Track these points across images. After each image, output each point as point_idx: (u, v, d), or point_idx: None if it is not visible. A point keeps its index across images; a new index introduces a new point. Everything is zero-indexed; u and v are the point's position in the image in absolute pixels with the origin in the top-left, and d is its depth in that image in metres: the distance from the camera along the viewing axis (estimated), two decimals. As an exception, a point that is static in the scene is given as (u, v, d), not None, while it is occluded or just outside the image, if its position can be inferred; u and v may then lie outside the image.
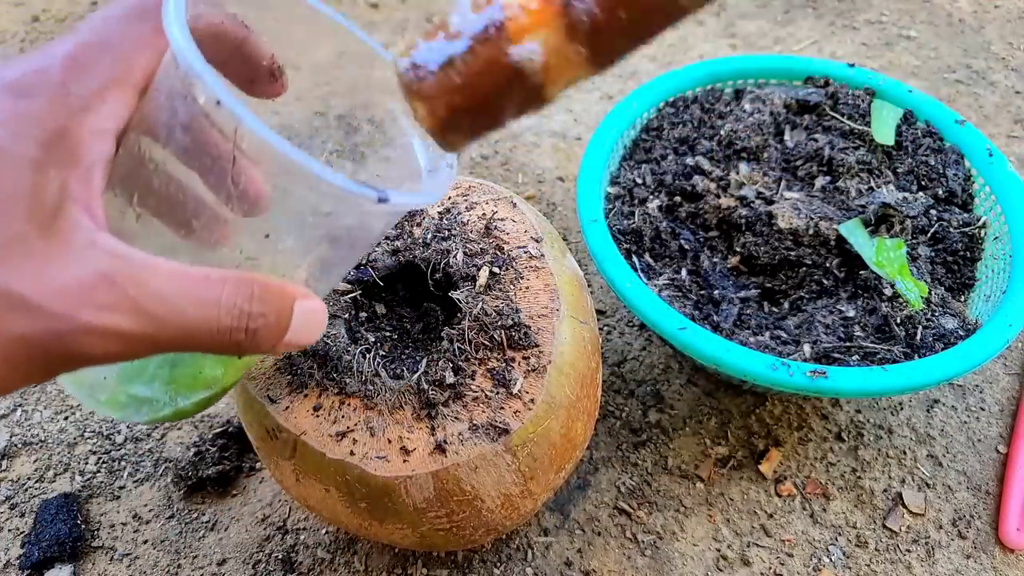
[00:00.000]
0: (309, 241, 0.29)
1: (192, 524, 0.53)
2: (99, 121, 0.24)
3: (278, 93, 0.32)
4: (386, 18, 0.98)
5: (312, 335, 0.27)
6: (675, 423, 0.58)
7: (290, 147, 0.24)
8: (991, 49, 0.92)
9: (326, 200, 0.26)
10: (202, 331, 0.24)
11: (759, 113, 0.62)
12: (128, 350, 0.23)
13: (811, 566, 0.51)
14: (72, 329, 0.22)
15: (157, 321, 0.23)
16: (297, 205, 0.27)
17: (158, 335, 0.23)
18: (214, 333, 0.24)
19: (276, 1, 0.31)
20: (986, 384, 0.61)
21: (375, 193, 0.25)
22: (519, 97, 0.26)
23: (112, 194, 0.26)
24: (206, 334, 0.24)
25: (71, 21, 0.99)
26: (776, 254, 0.54)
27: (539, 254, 0.44)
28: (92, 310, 0.22)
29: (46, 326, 0.22)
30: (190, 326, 0.24)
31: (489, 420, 0.38)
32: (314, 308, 0.27)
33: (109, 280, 0.22)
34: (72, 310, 0.22)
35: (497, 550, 0.52)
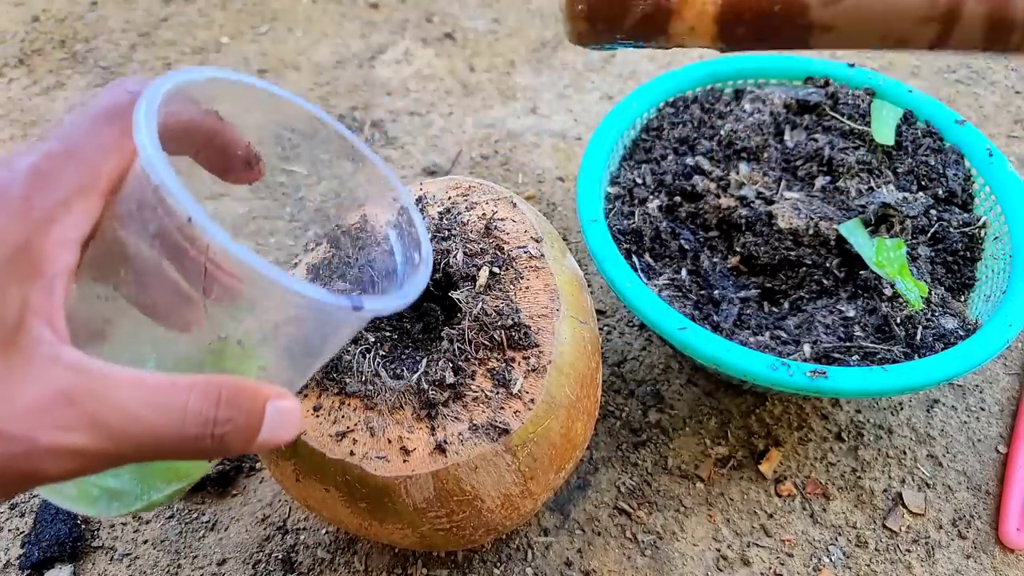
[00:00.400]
0: (281, 340, 0.29)
1: (192, 524, 0.53)
2: (63, 232, 0.24)
3: (255, 179, 0.32)
4: (386, 18, 0.98)
5: (287, 434, 0.27)
6: (675, 423, 0.58)
7: (264, 263, 0.24)
8: (991, 49, 0.92)
9: (300, 308, 0.27)
10: (167, 441, 0.24)
11: (759, 113, 0.62)
12: (89, 466, 0.23)
13: (811, 566, 0.51)
14: (30, 451, 0.22)
15: (117, 436, 0.23)
16: (270, 312, 0.27)
17: (120, 450, 0.23)
18: (179, 442, 0.24)
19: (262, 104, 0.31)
20: (986, 384, 0.61)
21: (349, 302, 0.26)
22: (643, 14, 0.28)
23: (83, 283, 0.26)
24: (171, 443, 0.24)
25: (71, 21, 0.99)
26: (776, 254, 0.54)
27: (539, 254, 0.44)
28: (51, 431, 0.22)
29: (4, 450, 0.21)
30: (153, 437, 0.23)
31: (489, 420, 0.38)
32: (288, 408, 0.27)
33: (68, 398, 0.22)
34: (31, 432, 0.21)
35: (497, 550, 0.52)
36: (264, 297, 0.27)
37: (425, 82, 0.89)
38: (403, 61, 0.92)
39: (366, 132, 0.83)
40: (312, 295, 0.25)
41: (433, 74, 0.90)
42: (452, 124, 0.84)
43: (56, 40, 0.96)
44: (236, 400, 0.25)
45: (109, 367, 0.23)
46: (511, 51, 0.93)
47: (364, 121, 0.84)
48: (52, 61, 0.93)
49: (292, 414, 0.27)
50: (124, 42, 0.95)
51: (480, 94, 0.87)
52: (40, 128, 0.84)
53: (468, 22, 0.98)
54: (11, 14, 1.00)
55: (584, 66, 0.91)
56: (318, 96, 0.87)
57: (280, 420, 0.26)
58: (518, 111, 0.85)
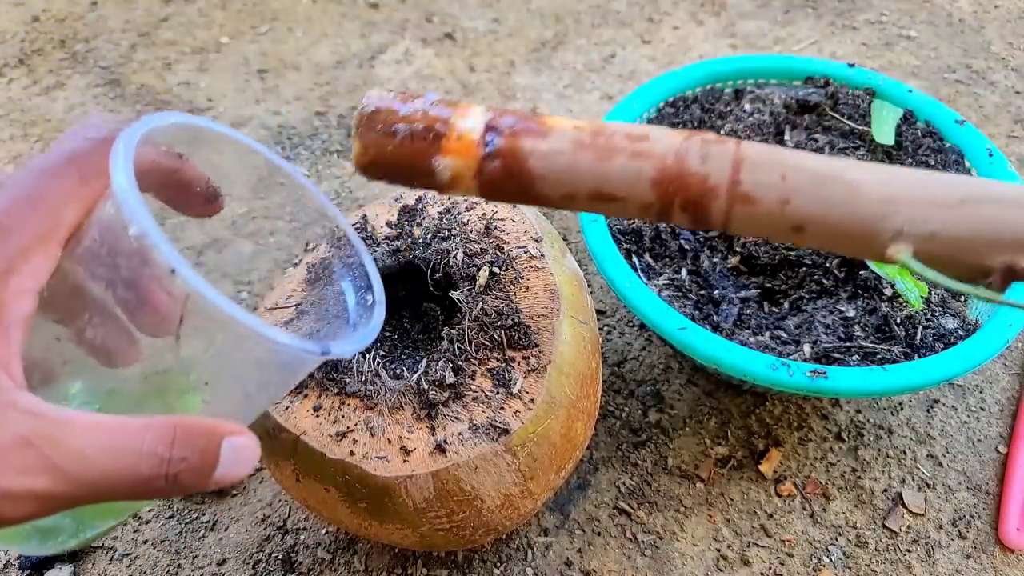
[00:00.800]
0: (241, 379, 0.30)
1: (192, 524, 0.53)
2: (21, 282, 0.24)
3: (214, 212, 0.33)
4: (386, 18, 0.98)
5: (243, 470, 0.27)
6: (675, 423, 0.58)
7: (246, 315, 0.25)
8: (991, 49, 0.92)
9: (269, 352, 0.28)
10: (122, 483, 0.24)
11: (759, 113, 0.62)
12: (46, 509, 0.23)
13: (811, 566, 0.51)
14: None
15: (74, 479, 0.23)
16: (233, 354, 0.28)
17: (76, 492, 0.23)
18: (133, 483, 0.24)
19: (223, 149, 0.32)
20: (986, 384, 0.61)
21: (319, 348, 0.28)
22: (423, 182, 0.34)
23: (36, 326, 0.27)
24: (126, 485, 0.24)
25: (71, 21, 0.99)
26: (776, 254, 0.54)
27: (539, 254, 0.44)
28: (9, 475, 0.22)
29: None
30: (109, 480, 0.23)
31: (489, 420, 0.38)
32: (244, 444, 0.27)
33: (26, 442, 0.22)
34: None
35: (497, 550, 0.52)
36: (235, 343, 0.27)
37: (425, 82, 0.89)
38: (403, 61, 0.92)
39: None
40: (291, 344, 0.26)
41: (433, 74, 0.90)
42: (452, 124, 0.84)
43: (56, 40, 0.96)
44: (190, 440, 0.25)
45: (65, 412, 0.24)
46: (511, 51, 0.93)
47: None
48: (52, 61, 0.93)
49: (248, 450, 0.27)
50: (124, 42, 0.95)
51: (480, 94, 0.87)
52: (40, 128, 0.84)
53: (468, 22, 0.98)
54: (11, 14, 1.00)
55: (584, 66, 0.91)
56: (318, 96, 0.87)
57: (235, 457, 0.26)
58: (518, 111, 0.85)
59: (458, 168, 0.34)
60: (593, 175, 0.33)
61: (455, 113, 0.34)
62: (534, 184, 0.34)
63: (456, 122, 0.34)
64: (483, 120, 0.34)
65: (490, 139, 0.34)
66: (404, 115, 0.34)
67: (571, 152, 0.34)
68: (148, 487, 0.24)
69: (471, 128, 0.34)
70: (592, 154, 0.33)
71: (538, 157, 0.33)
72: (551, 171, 0.34)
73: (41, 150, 0.82)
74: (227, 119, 0.84)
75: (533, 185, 0.34)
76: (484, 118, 0.34)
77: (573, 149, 0.34)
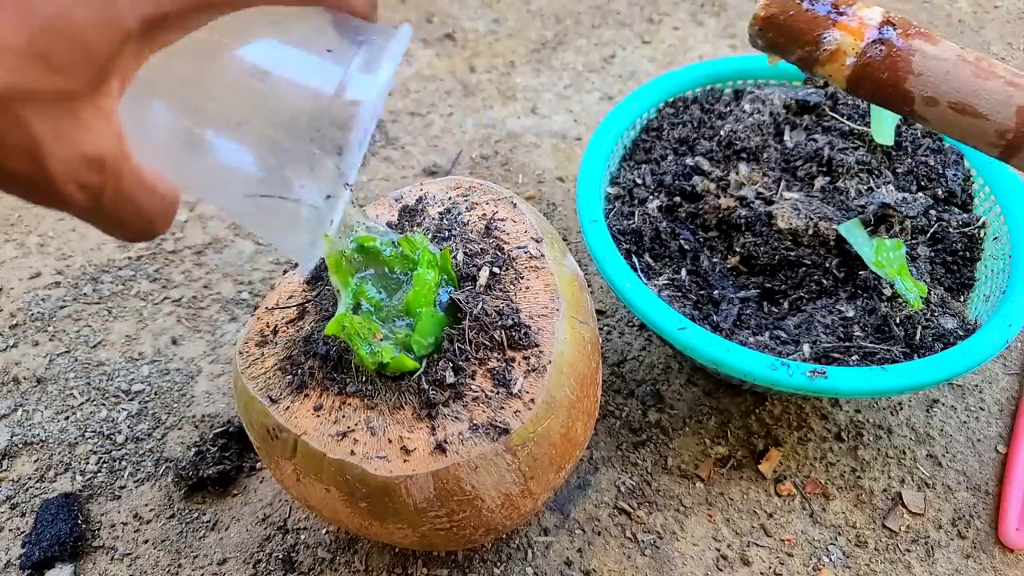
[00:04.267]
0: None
1: (193, 524, 0.53)
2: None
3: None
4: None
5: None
6: (675, 423, 0.58)
7: None
8: (991, 49, 0.92)
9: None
10: (128, 225, 0.27)
11: (759, 113, 0.62)
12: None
13: (811, 566, 0.51)
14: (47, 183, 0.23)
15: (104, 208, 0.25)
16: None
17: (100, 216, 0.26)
18: (138, 227, 0.27)
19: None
20: (986, 384, 0.61)
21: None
22: (803, 52, 0.39)
23: None
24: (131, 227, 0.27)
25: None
26: (776, 254, 0.54)
27: (539, 254, 0.44)
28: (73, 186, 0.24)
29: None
30: (122, 219, 0.26)
31: (489, 420, 0.38)
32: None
33: (101, 162, 0.24)
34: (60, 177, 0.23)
35: (497, 550, 0.52)
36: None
37: (425, 82, 0.89)
38: (403, 61, 0.92)
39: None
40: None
41: (433, 74, 0.90)
42: (452, 124, 0.84)
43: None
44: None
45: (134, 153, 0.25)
46: (511, 51, 0.93)
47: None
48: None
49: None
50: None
51: (480, 94, 0.88)
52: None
53: (468, 22, 0.98)
54: (11, 14, 1.00)
55: (584, 66, 0.91)
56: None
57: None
58: (518, 111, 0.85)
59: (844, 44, 0.39)
60: (966, 86, 0.36)
61: (860, 3, 0.39)
62: (907, 79, 0.38)
63: (860, 10, 0.39)
64: (882, 15, 0.39)
65: (885, 30, 0.38)
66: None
67: (953, 62, 0.37)
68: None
69: (871, 16, 0.39)
70: (972, 70, 0.37)
71: (922, 55, 0.37)
72: (928, 71, 0.37)
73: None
74: (227, 119, 0.84)
75: (906, 80, 0.38)
76: (883, 14, 0.39)
77: (956, 60, 0.37)
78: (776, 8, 0.40)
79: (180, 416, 0.59)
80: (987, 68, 0.37)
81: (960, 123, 0.38)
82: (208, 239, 0.71)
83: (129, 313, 0.66)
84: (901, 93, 0.39)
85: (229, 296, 0.67)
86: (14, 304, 0.67)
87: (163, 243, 0.71)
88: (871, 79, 0.39)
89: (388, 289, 0.42)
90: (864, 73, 0.39)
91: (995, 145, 0.37)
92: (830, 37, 0.39)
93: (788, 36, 0.41)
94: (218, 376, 0.61)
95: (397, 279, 0.42)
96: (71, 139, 0.23)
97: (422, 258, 0.41)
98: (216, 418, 0.59)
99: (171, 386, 0.61)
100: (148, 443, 0.58)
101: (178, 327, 0.65)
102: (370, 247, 0.41)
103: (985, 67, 0.37)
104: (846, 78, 0.40)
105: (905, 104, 0.39)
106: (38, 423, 0.59)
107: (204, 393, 0.60)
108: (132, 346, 0.64)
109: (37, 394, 0.61)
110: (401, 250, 0.42)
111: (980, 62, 0.37)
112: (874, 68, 0.39)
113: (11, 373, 0.62)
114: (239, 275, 0.69)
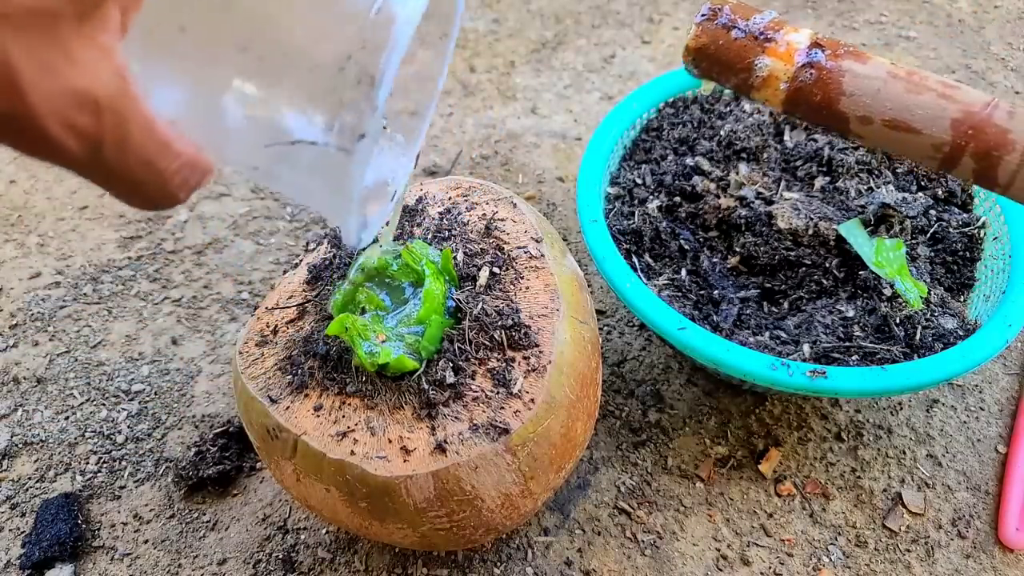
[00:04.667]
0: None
1: (193, 524, 0.53)
2: None
3: None
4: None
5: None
6: (675, 423, 0.58)
7: None
8: (991, 49, 0.92)
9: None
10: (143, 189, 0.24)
11: (759, 113, 0.62)
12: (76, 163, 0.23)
13: (811, 566, 0.51)
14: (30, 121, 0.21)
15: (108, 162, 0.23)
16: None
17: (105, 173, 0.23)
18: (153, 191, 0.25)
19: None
20: (986, 384, 0.61)
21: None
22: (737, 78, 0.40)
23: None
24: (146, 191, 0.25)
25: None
26: (776, 254, 0.54)
27: (539, 254, 0.44)
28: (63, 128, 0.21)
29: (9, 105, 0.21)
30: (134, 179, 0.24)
31: (489, 420, 0.38)
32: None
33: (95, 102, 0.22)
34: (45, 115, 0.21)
35: (497, 550, 0.52)
36: None
37: (425, 82, 0.89)
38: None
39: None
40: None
41: (433, 74, 0.90)
42: (452, 124, 0.84)
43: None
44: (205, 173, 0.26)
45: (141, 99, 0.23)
46: (511, 51, 0.93)
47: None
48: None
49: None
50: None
51: (480, 94, 0.88)
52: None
53: (468, 22, 0.98)
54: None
55: (584, 66, 0.91)
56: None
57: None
58: (518, 111, 0.85)
59: (775, 69, 0.39)
60: (898, 103, 0.36)
61: (786, 29, 0.40)
62: (839, 100, 0.38)
63: (787, 34, 0.40)
64: (810, 38, 0.39)
65: (814, 53, 0.38)
66: (743, 18, 0.40)
67: (884, 79, 0.37)
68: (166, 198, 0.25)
69: (798, 40, 0.39)
70: (903, 85, 0.37)
71: (853, 76, 0.37)
72: (859, 91, 0.37)
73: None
74: (227, 119, 0.84)
75: (838, 101, 0.38)
76: (810, 38, 0.39)
77: (886, 77, 0.37)
78: (706, 38, 0.41)
79: (180, 416, 0.59)
80: (919, 82, 0.37)
81: (896, 139, 0.38)
82: (208, 239, 0.71)
83: (129, 313, 0.66)
84: (835, 114, 0.39)
85: (229, 296, 0.67)
86: (14, 304, 0.67)
87: (163, 243, 0.71)
88: (805, 102, 0.39)
89: (392, 294, 0.43)
90: (797, 97, 0.39)
91: (932, 159, 0.37)
92: (761, 64, 0.39)
93: (720, 65, 0.41)
94: (218, 376, 0.61)
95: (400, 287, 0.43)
96: (57, 71, 0.20)
97: (429, 272, 0.41)
98: (216, 418, 0.59)
99: (171, 386, 0.61)
100: (148, 443, 0.58)
101: (178, 327, 0.65)
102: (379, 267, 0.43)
103: (917, 81, 0.37)
104: (781, 102, 0.40)
105: (840, 124, 0.39)
106: (38, 423, 0.59)
107: (204, 393, 0.60)
108: (132, 346, 0.64)
109: (37, 394, 0.61)
110: (403, 261, 0.42)
111: (912, 76, 0.37)
112: (806, 91, 0.39)
113: (11, 373, 0.62)
114: (239, 275, 0.69)
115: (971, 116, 0.35)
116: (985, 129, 0.35)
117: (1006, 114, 0.35)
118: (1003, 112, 0.35)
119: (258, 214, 0.74)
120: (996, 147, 0.35)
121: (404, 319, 0.41)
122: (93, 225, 0.73)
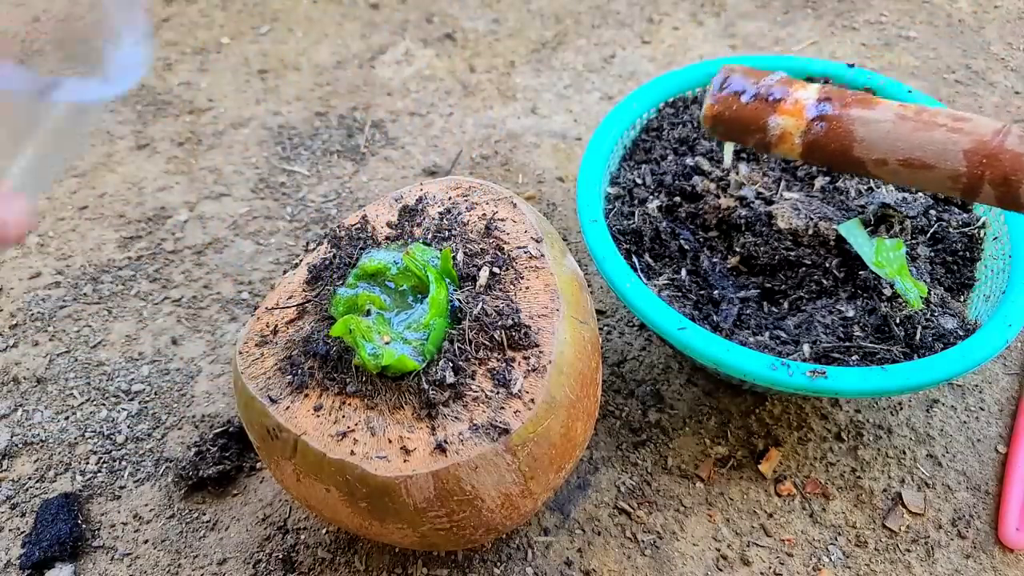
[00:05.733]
0: None
1: (193, 524, 0.53)
2: None
3: None
4: (386, 18, 0.98)
5: None
6: (675, 423, 0.58)
7: None
8: (991, 49, 0.92)
9: None
10: None
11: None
12: None
13: (811, 566, 0.51)
14: None
15: None
16: None
17: None
18: None
19: None
20: (985, 384, 0.61)
21: None
22: (755, 138, 0.42)
23: None
24: None
25: (71, 21, 0.99)
26: (776, 254, 0.54)
27: (539, 254, 0.44)
28: None
29: None
30: None
31: (489, 420, 0.38)
32: None
33: None
34: None
35: (497, 550, 0.52)
36: None
37: (425, 82, 0.89)
38: (403, 62, 0.92)
39: (366, 132, 0.83)
40: None
41: (433, 74, 0.90)
42: (452, 124, 0.84)
43: (56, 40, 0.96)
44: None
45: None
46: (511, 51, 0.93)
47: (364, 121, 0.84)
48: (52, 61, 0.93)
49: None
50: (124, 42, 0.95)
51: (480, 94, 0.88)
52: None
53: (468, 22, 0.98)
54: (11, 14, 1.00)
55: (584, 66, 0.91)
56: (318, 96, 0.87)
57: None
58: (518, 111, 0.85)
59: (788, 126, 0.41)
60: (909, 142, 0.37)
61: (794, 86, 0.41)
62: (853, 147, 0.39)
63: (795, 92, 0.41)
64: (817, 93, 0.41)
65: (822, 106, 0.40)
66: (752, 83, 0.42)
67: (893, 121, 0.38)
68: None
69: (806, 97, 0.41)
70: (912, 125, 0.38)
71: (862, 123, 0.39)
72: (871, 135, 0.38)
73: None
74: (227, 119, 0.84)
75: (852, 148, 0.39)
76: (818, 92, 0.41)
77: (895, 119, 0.38)
78: (720, 106, 0.43)
79: (180, 416, 0.59)
80: (928, 120, 0.38)
81: (913, 176, 0.40)
82: (208, 239, 0.71)
83: (129, 313, 0.66)
84: (851, 160, 0.40)
85: (229, 296, 0.67)
86: (14, 304, 0.67)
87: (163, 243, 0.71)
88: (821, 152, 0.41)
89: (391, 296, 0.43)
90: (813, 148, 0.41)
91: (953, 189, 0.38)
92: (774, 123, 0.41)
93: (737, 128, 0.43)
94: (218, 376, 0.61)
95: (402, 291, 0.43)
96: None
97: (433, 278, 0.42)
98: (216, 418, 0.59)
99: (171, 386, 0.61)
100: (148, 443, 0.58)
101: (178, 327, 0.65)
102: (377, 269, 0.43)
103: (926, 119, 0.38)
104: (799, 155, 0.42)
105: (858, 168, 0.41)
106: (38, 423, 0.59)
107: (204, 393, 0.60)
108: (132, 346, 0.64)
109: (37, 394, 0.61)
110: (403, 264, 0.42)
111: (920, 115, 0.38)
112: (821, 143, 0.41)
113: (11, 373, 0.62)
114: (239, 275, 0.69)
115: (983, 146, 0.36)
116: (999, 156, 0.36)
117: (1018, 139, 0.36)
118: (1015, 137, 0.36)
119: (258, 214, 0.74)
120: (1013, 172, 0.36)
121: (411, 324, 0.41)
122: (93, 225, 0.73)
